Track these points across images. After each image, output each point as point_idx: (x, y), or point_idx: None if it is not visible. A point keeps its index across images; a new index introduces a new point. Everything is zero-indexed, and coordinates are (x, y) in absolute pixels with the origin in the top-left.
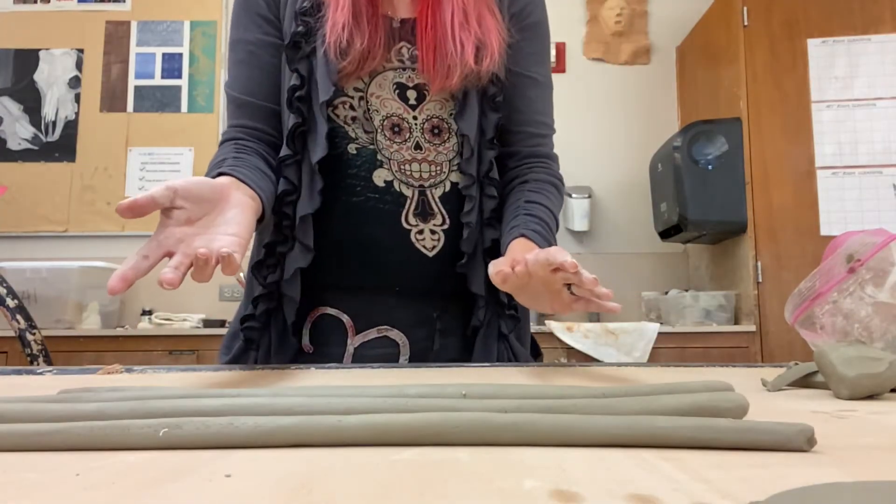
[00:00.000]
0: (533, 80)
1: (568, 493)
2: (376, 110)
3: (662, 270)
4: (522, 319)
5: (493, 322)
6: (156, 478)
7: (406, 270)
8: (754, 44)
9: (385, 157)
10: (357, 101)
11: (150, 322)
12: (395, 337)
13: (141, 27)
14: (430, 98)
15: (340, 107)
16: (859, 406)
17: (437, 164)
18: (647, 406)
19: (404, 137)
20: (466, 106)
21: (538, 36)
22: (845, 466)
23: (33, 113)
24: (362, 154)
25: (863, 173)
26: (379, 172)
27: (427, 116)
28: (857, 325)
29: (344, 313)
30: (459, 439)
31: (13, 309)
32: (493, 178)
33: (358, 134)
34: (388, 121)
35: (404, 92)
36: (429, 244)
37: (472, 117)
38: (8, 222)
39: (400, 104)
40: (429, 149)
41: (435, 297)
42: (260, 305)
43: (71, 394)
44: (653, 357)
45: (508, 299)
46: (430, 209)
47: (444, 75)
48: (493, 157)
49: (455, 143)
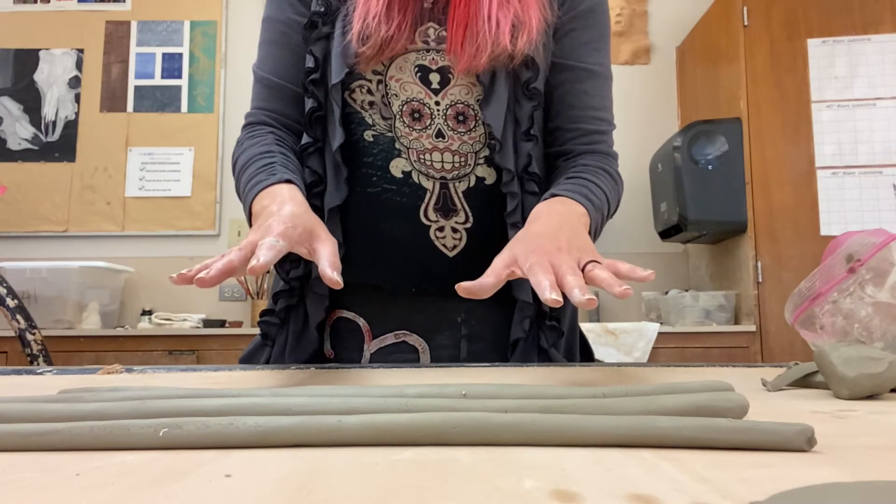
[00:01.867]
0: (587, 72)
1: (568, 493)
2: (395, 94)
3: (662, 270)
4: (567, 331)
5: (533, 333)
6: (156, 478)
7: (423, 270)
8: (754, 44)
9: (403, 146)
10: (375, 84)
11: (149, 322)
12: (413, 342)
13: (141, 27)
14: (455, 82)
15: (357, 90)
16: (859, 406)
17: (461, 155)
18: (647, 406)
19: (425, 124)
20: (494, 91)
21: (594, 23)
22: (845, 466)
23: (33, 113)
24: (379, 142)
25: (863, 173)
26: (396, 162)
27: (451, 102)
28: (857, 325)
29: (360, 317)
30: (459, 439)
31: (13, 309)
32: (532, 174)
33: (375, 120)
34: (408, 106)
35: (427, 75)
36: (449, 243)
37: (499, 104)
38: (8, 222)
39: (421, 88)
40: (452, 137)
41: (459, 299)
42: (280, 301)
43: (71, 394)
44: (653, 357)
45: (551, 309)
46: (452, 204)
47: (472, 54)
48: (531, 150)
49: (482, 134)
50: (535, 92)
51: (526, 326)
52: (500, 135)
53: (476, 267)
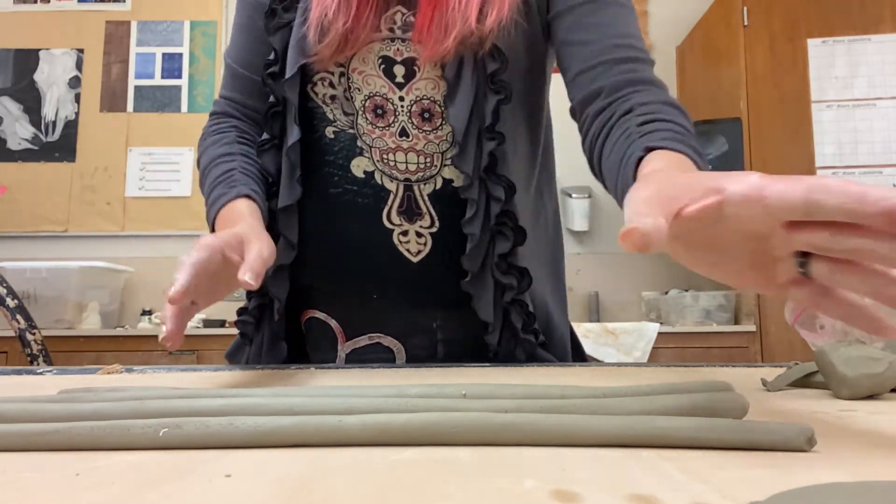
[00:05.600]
0: (595, 3)
1: (568, 493)
2: (358, 88)
3: (662, 270)
4: (554, 337)
5: (510, 346)
6: (156, 478)
7: (387, 276)
8: (754, 44)
9: (366, 144)
10: (337, 77)
11: (149, 322)
12: (388, 344)
13: (141, 27)
14: (421, 75)
15: (319, 83)
16: (859, 406)
17: (426, 156)
18: (647, 406)
19: (388, 121)
20: (458, 86)
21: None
22: (845, 466)
23: (33, 113)
24: (341, 139)
25: (863, 173)
26: (358, 161)
27: (416, 97)
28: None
29: (331, 318)
30: (459, 439)
31: (13, 309)
32: (500, 176)
33: (337, 116)
34: (371, 101)
35: (391, 67)
36: (413, 248)
37: (463, 101)
38: (8, 222)
39: (385, 81)
40: (417, 136)
41: (431, 305)
42: (253, 300)
43: (71, 394)
44: (653, 357)
45: (523, 325)
46: (416, 208)
47: (438, 38)
48: (494, 149)
49: (449, 133)
50: (502, 85)
51: (494, 340)
52: (462, 136)
53: (442, 274)
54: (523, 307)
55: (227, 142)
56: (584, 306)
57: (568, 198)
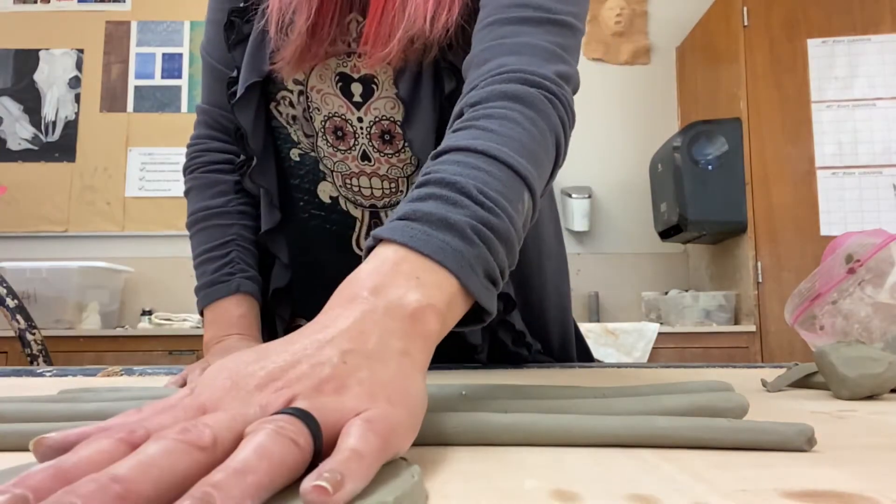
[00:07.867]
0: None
1: (568, 493)
2: (317, 108)
3: (662, 270)
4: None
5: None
6: None
7: None
8: (754, 44)
9: (328, 168)
10: (297, 95)
11: (149, 322)
12: None
13: (141, 27)
14: (379, 94)
15: (282, 102)
16: (859, 406)
17: (391, 181)
18: (647, 406)
19: (349, 144)
20: (417, 106)
21: None
22: (845, 466)
23: (33, 113)
24: (305, 162)
25: (863, 173)
26: (323, 186)
27: (374, 118)
28: (856, 326)
29: None
30: (459, 439)
31: (13, 309)
32: None
33: (299, 137)
34: (331, 122)
35: (348, 85)
36: None
37: (423, 118)
38: (8, 222)
39: (343, 101)
40: (379, 160)
41: None
42: None
43: (71, 394)
44: (653, 357)
45: (513, 340)
46: None
47: (383, 41)
48: None
49: (412, 156)
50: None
51: (483, 359)
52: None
53: None
54: (510, 327)
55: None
56: (584, 306)
57: (568, 198)
